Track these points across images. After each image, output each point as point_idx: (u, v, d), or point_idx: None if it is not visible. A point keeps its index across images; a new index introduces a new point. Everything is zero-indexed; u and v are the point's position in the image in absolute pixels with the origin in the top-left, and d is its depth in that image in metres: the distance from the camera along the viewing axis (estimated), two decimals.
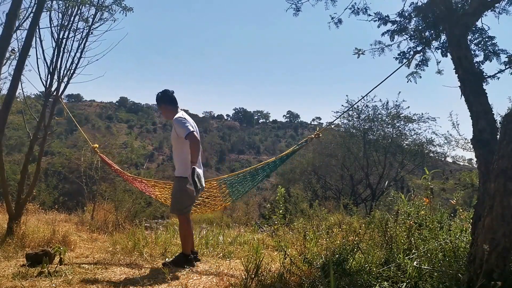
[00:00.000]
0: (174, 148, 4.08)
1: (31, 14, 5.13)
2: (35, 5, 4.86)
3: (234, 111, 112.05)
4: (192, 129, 3.85)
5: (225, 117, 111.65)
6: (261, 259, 3.33)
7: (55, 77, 5.48)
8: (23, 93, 6.28)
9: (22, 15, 5.17)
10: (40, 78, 5.41)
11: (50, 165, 19.19)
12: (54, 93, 5.49)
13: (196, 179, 3.62)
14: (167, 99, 4.14)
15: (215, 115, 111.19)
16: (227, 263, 4.20)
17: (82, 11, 5.68)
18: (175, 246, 4.90)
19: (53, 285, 3.07)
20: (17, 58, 4.83)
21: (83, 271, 3.53)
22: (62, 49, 5.53)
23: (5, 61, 5.29)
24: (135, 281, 3.27)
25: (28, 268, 3.58)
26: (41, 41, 5.39)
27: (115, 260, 4.23)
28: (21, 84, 5.34)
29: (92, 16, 5.74)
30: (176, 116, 4.00)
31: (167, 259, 4.04)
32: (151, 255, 4.47)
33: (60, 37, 5.53)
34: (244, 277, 3.05)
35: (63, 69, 5.53)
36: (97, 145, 5.00)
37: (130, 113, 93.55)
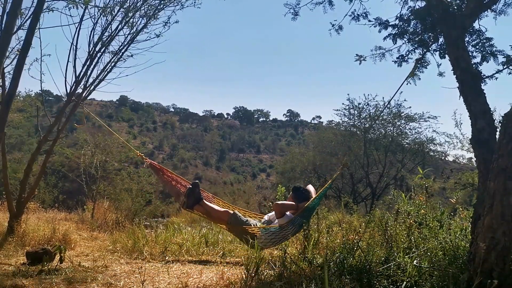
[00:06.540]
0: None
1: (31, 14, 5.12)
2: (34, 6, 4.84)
3: (234, 110, 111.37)
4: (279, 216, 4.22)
5: (225, 116, 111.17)
6: (261, 258, 3.33)
7: (81, 84, 5.48)
8: (41, 92, 6.13)
9: (25, 14, 5.10)
10: (66, 83, 5.40)
11: (50, 164, 19.17)
12: (76, 99, 5.48)
13: None
14: (302, 198, 4.36)
15: (215, 114, 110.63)
16: (227, 261, 4.21)
17: (127, 25, 5.61)
18: (175, 245, 4.90)
19: (53, 283, 3.08)
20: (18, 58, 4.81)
21: (83, 270, 3.54)
22: (94, 61, 5.51)
23: (9, 60, 5.34)
24: (136, 279, 3.28)
25: (28, 267, 3.58)
26: (75, 50, 5.39)
27: (115, 258, 4.24)
28: (41, 83, 5.44)
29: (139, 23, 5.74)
30: (293, 213, 4.22)
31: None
32: (151, 254, 4.47)
33: (96, 50, 5.48)
34: (244, 275, 3.05)
35: (91, 78, 5.54)
36: (142, 154, 5.04)
37: (130, 111, 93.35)
